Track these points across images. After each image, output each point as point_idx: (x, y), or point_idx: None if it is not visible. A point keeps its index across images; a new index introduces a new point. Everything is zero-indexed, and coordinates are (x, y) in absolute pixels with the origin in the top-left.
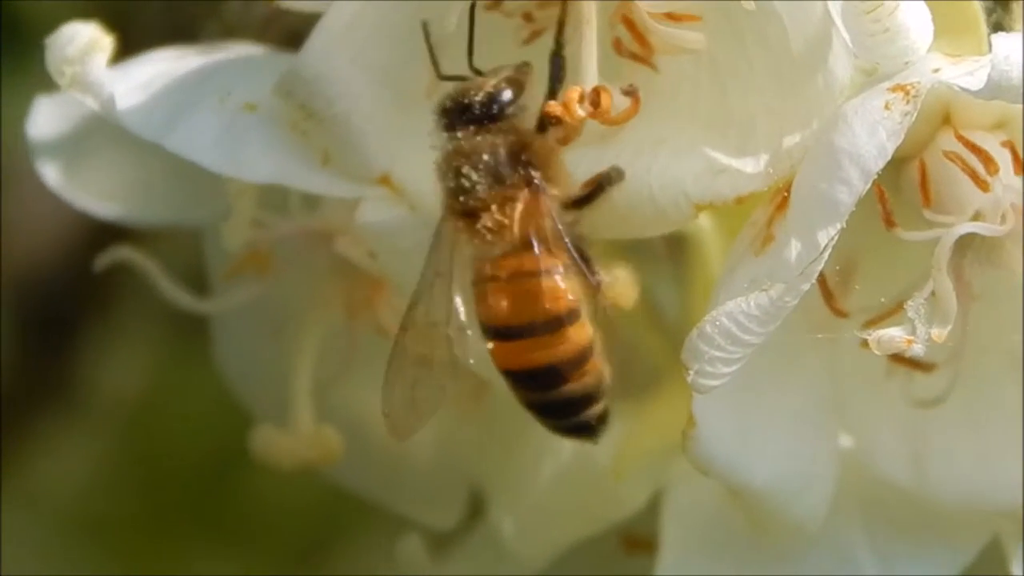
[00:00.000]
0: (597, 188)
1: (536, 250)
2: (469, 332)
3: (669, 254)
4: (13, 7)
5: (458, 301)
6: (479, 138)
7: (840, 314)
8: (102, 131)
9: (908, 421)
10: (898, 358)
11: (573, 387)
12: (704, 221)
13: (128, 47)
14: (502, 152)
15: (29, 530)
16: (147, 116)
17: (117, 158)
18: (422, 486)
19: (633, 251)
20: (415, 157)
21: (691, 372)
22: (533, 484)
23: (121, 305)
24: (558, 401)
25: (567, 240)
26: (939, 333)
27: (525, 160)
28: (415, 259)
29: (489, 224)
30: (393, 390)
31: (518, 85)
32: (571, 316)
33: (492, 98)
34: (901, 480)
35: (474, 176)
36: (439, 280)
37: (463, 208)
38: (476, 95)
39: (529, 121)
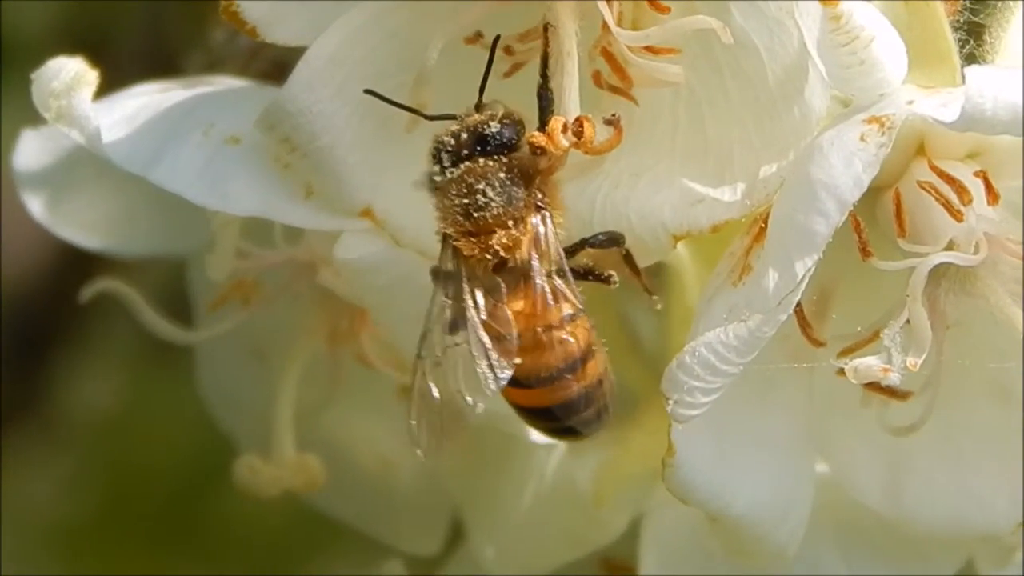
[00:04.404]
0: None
1: (548, 295)
2: (487, 345)
3: (647, 282)
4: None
5: (474, 318)
6: (492, 163)
7: (816, 343)
8: (87, 163)
9: (884, 448)
10: (874, 386)
11: (583, 416)
12: (681, 250)
13: (111, 79)
14: (517, 174)
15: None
16: (132, 150)
17: (102, 190)
18: (404, 513)
19: None
20: (397, 190)
21: (671, 402)
22: (514, 509)
23: (94, 322)
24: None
25: (566, 266)
26: (914, 362)
27: (535, 185)
28: (393, 293)
29: (504, 240)
30: (421, 419)
31: (520, 118)
32: (585, 357)
33: (505, 128)
34: (877, 506)
35: (490, 193)
36: (450, 306)
37: (474, 226)
38: (491, 126)
39: (526, 154)
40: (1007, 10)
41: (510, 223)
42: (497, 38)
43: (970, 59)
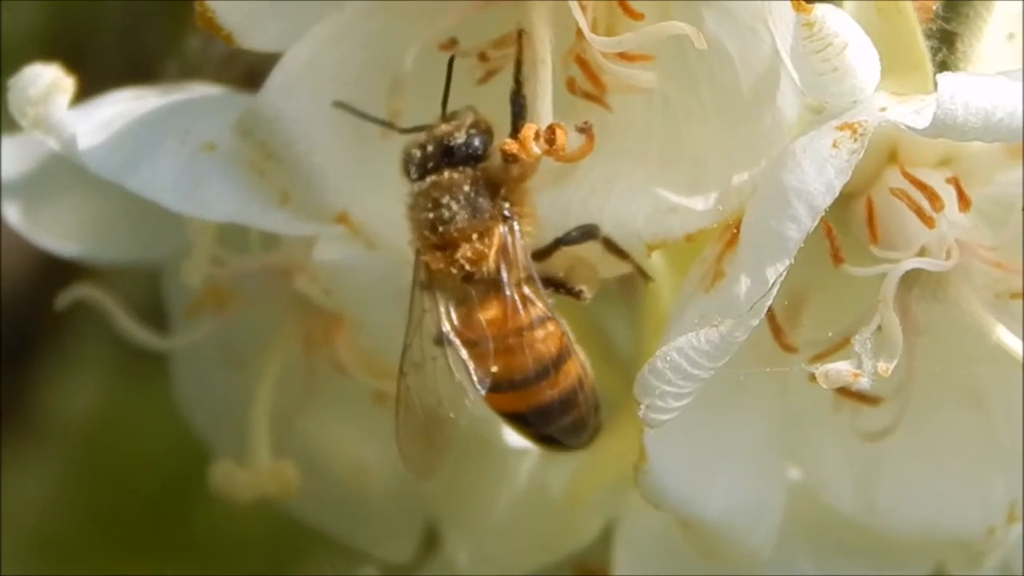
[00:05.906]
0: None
1: (518, 302)
2: (464, 355)
3: (622, 290)
4: None
5: (448, 330)
6: (457, 175)
7: (788, 349)
8: (64, 170)
9: (856, 453)
10: (845, 391)
11: (562, 423)
12: (656, 258)
13: (88, 86)
14: (482, 186)
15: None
16: (108, 156)
17: (78, 197)
18: (378, 518)
19: None
20: (373, 195)
21: (642, 407)
22: (488, 515)
23: (75, 330)
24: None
25: (535, 273)
26: (885, 367)
27: (502, 195)
28: (370, 296)
29: (469, 254)
30: (408, 433)
31: (488, 127)
32: (557, 363)
33: (472, 139)
34: (849, 510)
35: (454, 206)
36: (427, 316)
37: (440, 240)
38: (457, 137)
39: (495, 161)
40: (979, 18)
41: (475, 236)
42: (451, 60)
43: (942, 67)
